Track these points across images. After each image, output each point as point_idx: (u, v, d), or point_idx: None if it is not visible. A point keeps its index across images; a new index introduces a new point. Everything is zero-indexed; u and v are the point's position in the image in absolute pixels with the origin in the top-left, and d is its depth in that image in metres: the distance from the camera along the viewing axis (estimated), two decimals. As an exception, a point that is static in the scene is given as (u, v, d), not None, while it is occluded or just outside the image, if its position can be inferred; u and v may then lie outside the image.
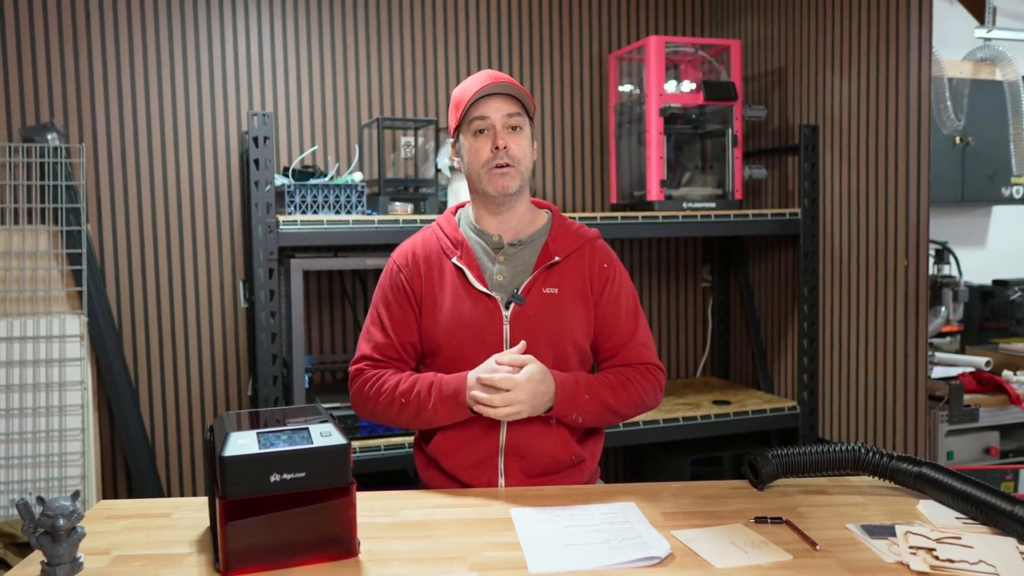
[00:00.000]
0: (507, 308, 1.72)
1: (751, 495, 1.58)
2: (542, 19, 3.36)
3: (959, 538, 1.31)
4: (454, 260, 1.75)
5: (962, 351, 3.37)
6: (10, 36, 2.79)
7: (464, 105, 1.71)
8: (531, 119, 1.78)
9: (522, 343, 1.66)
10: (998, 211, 4.11)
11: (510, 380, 1.60)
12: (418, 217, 2.61)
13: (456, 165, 1.81)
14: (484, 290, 1.72)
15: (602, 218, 2.78)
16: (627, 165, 3.17)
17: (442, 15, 3.24)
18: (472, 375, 1.65)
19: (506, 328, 1.71)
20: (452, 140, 1.80)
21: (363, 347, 1.79)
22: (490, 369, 1.63)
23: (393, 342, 1.76)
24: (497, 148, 1.69)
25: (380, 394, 1.72)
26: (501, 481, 1.72)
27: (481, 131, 1.71)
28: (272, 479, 1.24)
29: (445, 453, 1.73)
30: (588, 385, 1.69)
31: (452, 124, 1.77)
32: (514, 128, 1.72)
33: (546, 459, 1.71)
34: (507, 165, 1.70)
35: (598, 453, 1.82)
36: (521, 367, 1.62)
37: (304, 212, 2.58)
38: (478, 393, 1.62)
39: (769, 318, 3.31)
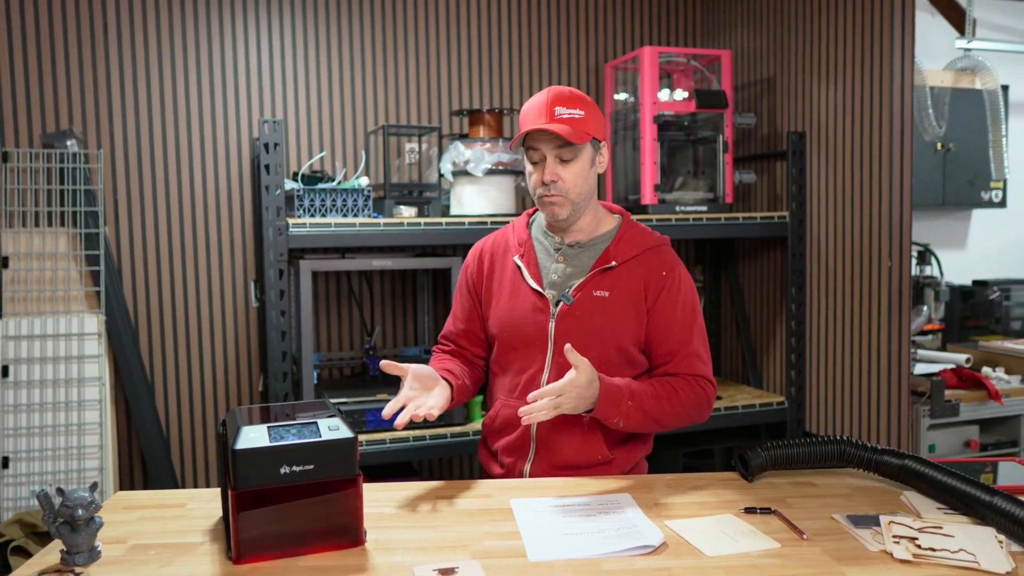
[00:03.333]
0: (556, 306, 1.75)
1: (741, 487, 1.61)
2: (541, 30, 3.44)
3: (940, 527, 1.33)
4: (515, 258, 1.82)
5: (943, 348, 3.41)
6: (31, 48, 2.87)
7: (521, 133, 1.73)
8: (595, 138, 1.75)
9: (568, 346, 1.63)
10: (978, 214, 4.17)
11: (551, 390, 1.59)
12: (422, 220, 2.66)
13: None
14: (536, 287, 1.77)
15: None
16: (622, 170, 3.22)
17: (444, 27, 3.31)
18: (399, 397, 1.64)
19: (551, 325, 1.74)
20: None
21: (444, 329, 1.97)
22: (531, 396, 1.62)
23: (458, 331, 1.91)
24: (544, 183, 1.72)
25: None
26: (527, 467, 1.78)
27: (535, 161, 1.75)
28: (282, 471, 1.26)
29: (490, 432, 1.87)
30: (632, 392, 1.67)
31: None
32: (564, 160, 1.72)
33: (570, 454, 1.74)
34: (556, 195, 1.73)
35: (636, 456, 1.82)
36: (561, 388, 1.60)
37: (313, 215, 2.63)
38: (527, 408, 1.59)
39: (758, 317, 3.36)
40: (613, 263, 1.76)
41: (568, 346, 1.60)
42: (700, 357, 1.78)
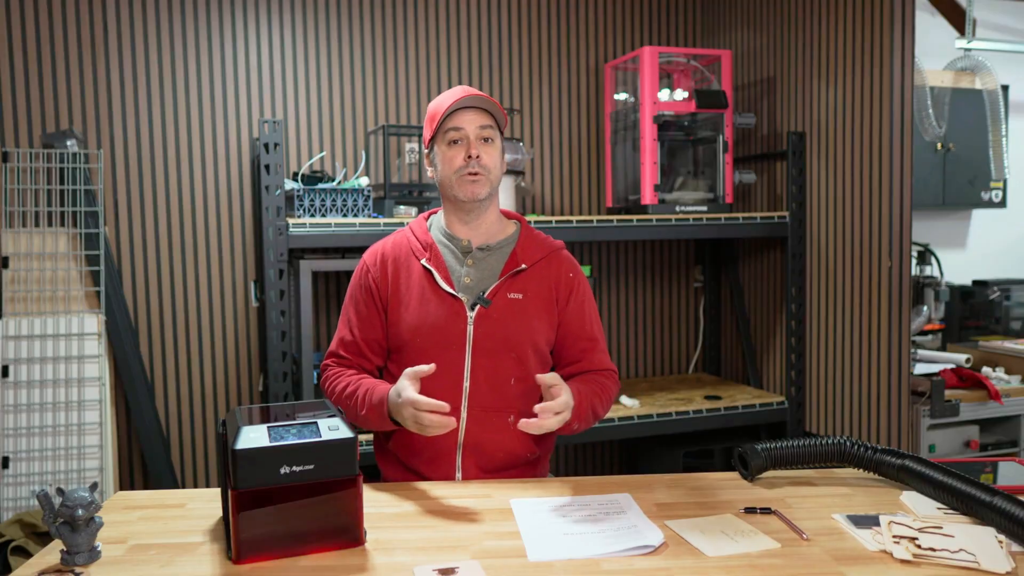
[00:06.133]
0: (472, 310, 1.74)
1: (741, 486, 1.61)
2: (541, 30, 3.44)
3: (940, 527, 1.33)
4: (423, 262, 1.77)
5: (943, 348, 3.42)
6: (31, 48, 2.87)
7: (440, 116, 1.74)
8: (502, 132, 1.81)
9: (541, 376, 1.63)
10: (978, 214, 4.18)
11: (563, 404, 1.61)
12: (423, 220, 2.68)
13: (430, 174, 1.83)
14: (451, 291, 1.74)
15: (598, 221, 2.83)
16: (622, 170, 3.23)
17: (445, 27, 3.32)
18: (406, 398, 1.58)
19: (470, 329, 1.73)
20: (427, 151, 1.82)
21: (333, 343, 1.85)
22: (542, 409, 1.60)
23: (357, 339, 1.80)
24: (470, 157, 1.73)
25: (333, 393, 1.78)
26: (458, 475, 1.74)
27: (455, 141, 1.75)
28: (282, 471, 1.26)
29: (404, 447, 1.77)
30: (585, 395, 1.73)
31: (427, 135, 1.80)
32: (486, 139, 1.76)
33: (502, 455, 1.75)
34: (478, 173, 1.73)
35: (551, 449, 1.87)
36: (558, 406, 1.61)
37: (313, 215, 2.64)
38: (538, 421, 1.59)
39: (758, 317, 3.36)
40: (523, 266, 1.78)
41: (539, 376, 1.62)
42: (606, 352, 1.88)
